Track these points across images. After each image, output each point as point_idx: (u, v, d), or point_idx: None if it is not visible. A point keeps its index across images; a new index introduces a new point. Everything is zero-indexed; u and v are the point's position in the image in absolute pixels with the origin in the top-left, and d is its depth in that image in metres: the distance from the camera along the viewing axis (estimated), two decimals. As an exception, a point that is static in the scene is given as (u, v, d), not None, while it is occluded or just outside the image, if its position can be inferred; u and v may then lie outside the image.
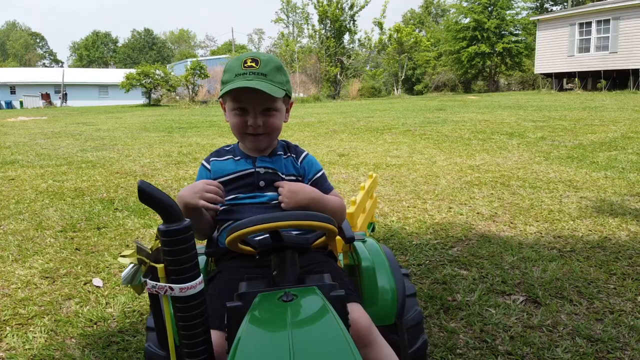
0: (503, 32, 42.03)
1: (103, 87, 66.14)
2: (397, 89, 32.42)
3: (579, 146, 7.66)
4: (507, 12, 41.87)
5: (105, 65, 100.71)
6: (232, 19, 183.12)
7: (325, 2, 36.07)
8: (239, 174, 1.70)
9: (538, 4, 58.92)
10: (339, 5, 36.29)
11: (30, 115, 24.75)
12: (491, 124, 11.02)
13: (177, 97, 33.48)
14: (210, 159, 1.80)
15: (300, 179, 1.75)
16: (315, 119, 14.97)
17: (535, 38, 31.45)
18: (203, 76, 25.79)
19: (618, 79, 26.37)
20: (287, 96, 1.74)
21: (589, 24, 26.81)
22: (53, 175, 6.81)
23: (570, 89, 28.73)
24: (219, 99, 1.68)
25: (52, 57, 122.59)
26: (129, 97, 63.47)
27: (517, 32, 42.89)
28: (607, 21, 25.88)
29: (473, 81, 49.50)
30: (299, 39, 40.84)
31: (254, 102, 1.65)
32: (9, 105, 50.44)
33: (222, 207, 1.65)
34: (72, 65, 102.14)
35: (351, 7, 36.87)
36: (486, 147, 7.87)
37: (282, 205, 1.59)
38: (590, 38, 26.83)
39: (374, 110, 18.42)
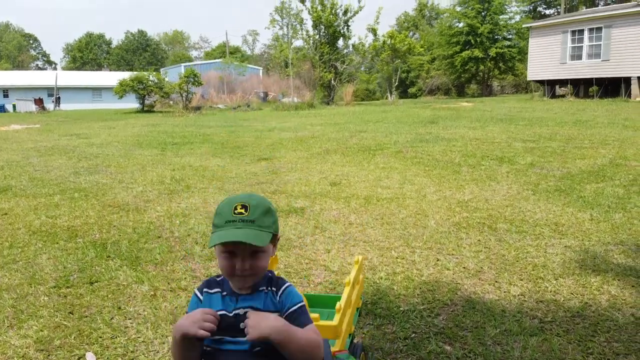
0: (496, 37, 42.21)
1: (96, 90, 65.92)
2: (390, 95, 32.55)
3: (567, 175, 7.77)
4: (501, 16, 42.05)
5: (99, 67, 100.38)
6: (227, 20, 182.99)
7: (319, 8, 36.13)
8: (223, 312, 1.77)
9: (531, 7, 59.15)
10: (333, 11, 36.37)
11: (23, 123, 24.72)
12: (482, 144, 11.13)
13: (171, 102, 33.44)
14: (203, 290, 1.88)
15: (278, 313, 1.81)
16: (308, 133, 15.05)
17: (528, 43, 31.56)
18: (197, 84, 25.88)
19: (610, 86, 26.57)
20: (274, 235, 1.83)
21: (581, 31, 27.01)
22: (46, 208, 6.86)
23: (563, 96, 28.90)
24: (210, 247, 1.75)
25: (45, 58, 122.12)
26: (122, 101, 63.08)
27: (510, 36, 43.07)
28: (599, 29, 26.09)
29: (467, 85, 49.64)
30: (293, 40, 40.88)
31: (242, 248, 1.75)
32: (2, 109, 50.20)
33: (206, 348, 1.73)
34: (65, 67, 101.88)
35: (345, 13, 36.97)
36: (475, 177, 7.96)
37: (247, 337, 1.65)
38: (582, 46, 27.03)
39: (367, 122, 18.52)
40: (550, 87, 29.80)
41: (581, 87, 28.27)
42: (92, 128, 20.55)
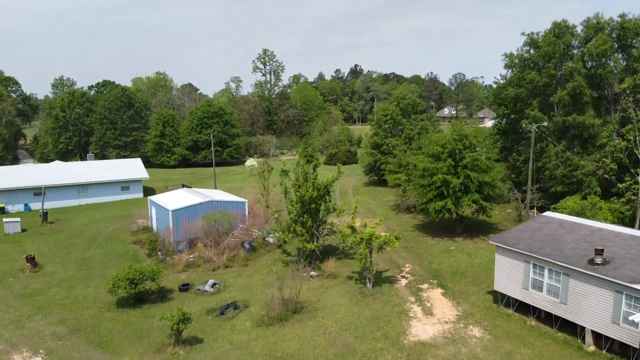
0: (468, 187, 44.39)
1: (82, 187, 67.44)
2: (369, 283, 34.84)
3: None
4: (472, 172, 44.19)
5: (82, 125, 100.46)
6: (211, 68, 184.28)
7: (301, 188, 38.22)
8: None
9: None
10: (315, 185, 38.41)
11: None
12: None
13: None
14: None
15: None
16: None
17: (495, 257, 33.65)
18: (186, 322, 27.84)
19: (568, 324, 29.02)
20: None
21: (542, 267, 29.36)
22: None
23: (525, 314, 31.16)
24: None
25: (26, 102, 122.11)
26: (107, 194, 65.68)
27: (483, 182, 45.06)
28: (558, 273, 28.44)
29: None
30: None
31: None
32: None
33: None
34: (48, 128, 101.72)
35: (325, 187, 39.10)
36: None
37: None
38: (543, 281, 29.40)
39: None
40: (515, 299, 32.19)
41: (542, 311, 30.72)
42: None
